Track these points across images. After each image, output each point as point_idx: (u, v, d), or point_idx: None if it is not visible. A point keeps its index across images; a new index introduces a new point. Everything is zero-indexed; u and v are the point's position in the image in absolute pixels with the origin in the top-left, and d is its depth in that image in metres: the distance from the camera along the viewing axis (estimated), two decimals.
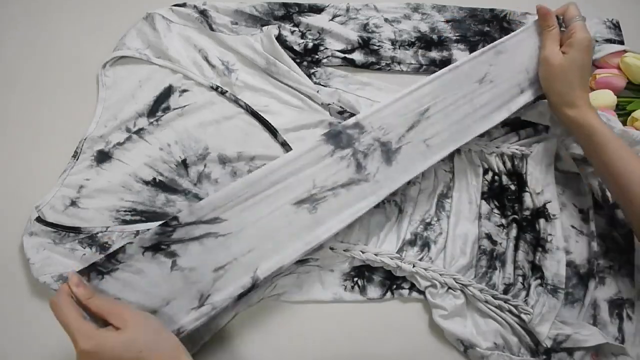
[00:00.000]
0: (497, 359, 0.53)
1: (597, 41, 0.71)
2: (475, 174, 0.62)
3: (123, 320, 0.43)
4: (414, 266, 0.56)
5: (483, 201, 0.61)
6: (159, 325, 0.45)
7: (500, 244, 0.59)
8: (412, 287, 0.58)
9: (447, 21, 0.73)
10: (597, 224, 0.60)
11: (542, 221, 0.59)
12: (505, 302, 0.55)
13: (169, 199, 0.61)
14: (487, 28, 0.72)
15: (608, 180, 0.56)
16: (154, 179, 0.62)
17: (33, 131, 0.66)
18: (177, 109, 0.65)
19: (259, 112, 0.65)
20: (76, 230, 0.58)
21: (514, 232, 0.59)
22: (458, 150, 0.62)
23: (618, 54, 0.69)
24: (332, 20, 0.72)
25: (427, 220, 0.61)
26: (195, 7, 0.70)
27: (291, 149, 0.63)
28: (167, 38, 0.69)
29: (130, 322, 0.42)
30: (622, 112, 0.67)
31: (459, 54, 0.71)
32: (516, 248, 0.59)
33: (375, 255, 0.57)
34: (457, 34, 0.72)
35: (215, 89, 0.66)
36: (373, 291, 0.58)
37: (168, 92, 0.66)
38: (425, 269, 0.56)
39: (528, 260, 0.58)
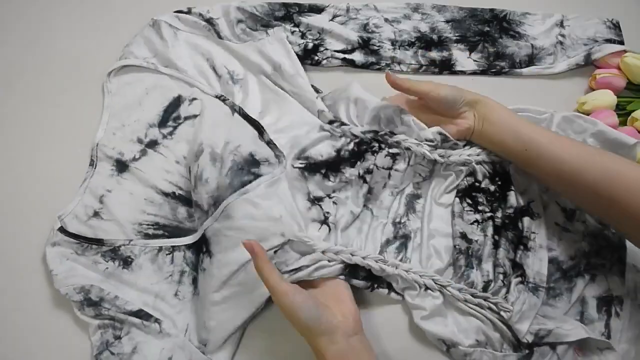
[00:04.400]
0: (479, 355, 0.53)
1: (596, 41, 0.71)
2: (455, 177, 0.62)
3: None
4: (396, 268, 0.56)
5: (456, 199, 0.61)
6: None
7: (476, 241, 0.59)
8: (390, 286, 0.57)
9: (447, 21, 0.73)
10: (589, 222, 0.60)
11: (526, 219, 0.59)
12: (484, 299, 0.55)
13: (190, 212, 0.60)
14: (487, 28, 0.72)
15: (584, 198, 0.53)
16: (174, 192, 0.61)
17: (42, 137, 0.66)
18: (188, 118, 0.65)
19: (253, 117, 0.63)
20: (99, 242, 0.58)
21: (490, 229, 0.59)
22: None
23: (618, 54, 0.69)
24: (332, 20, 0.72)
25: (401, 222, 0.61)
26: (200, 15, 0.70)
27: (277, 147, 0.60)
28: (175, 47, 0.68)
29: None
30: (622, 112, 0.67)
31: (459, 54, 0.71)
32: (497, 246, 0.59)
33: (363, 258, 0.56)
34: (457, 34, 0.72)
35: (219, 97, 0.65)
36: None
37: (177, 101, 0.66)
38: (407, 271, 0.56)
39: (509, 258, 0.58)
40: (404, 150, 0.61)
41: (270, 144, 0.60)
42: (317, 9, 0.72)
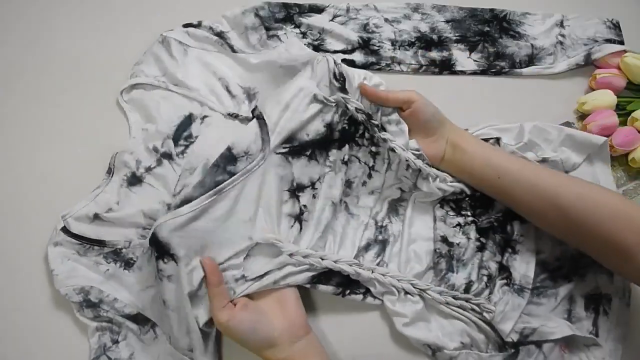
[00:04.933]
0: (465, 357, 0.54)
1: (596, 41, 0.72)
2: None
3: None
4: (372, 272, 0.56)
5: (438, 204, 0.61)
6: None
7: (458, 244, 0.59)
8: (367, 292, 0.57)
9: (447, 21, 0.73)
10: None
11: (516, 223, 0.59)
12: (466, 301, 0.55)
13: None
14: (487, 28, 0.72)
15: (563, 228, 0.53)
16: None
17: (42, 136, 0.66)
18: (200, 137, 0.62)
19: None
20: (101, 243, 0.57)
21: (473, 232, 0.59)
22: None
23: (618, 54, 0.69)
24: (332, 20, 0.72)
25: (382, 225, 0.60)
26: (211, 28, 0.68)
27: (265, 124, 0.57)
28: (185, 65, 0.66)
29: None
30: (622, 112, 0.67)
31: (459, 54, 0.71)
32: (483, 248, 0.59)
33: (335, 262, 0.55)
34: (457, 34, 0.72)
35: (235, 116, 0.64)
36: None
37: (189, 120, 0.63)
38: (383, 275, 0.55)
39: (495, 260, 0.58)
40: (387, 151, 0.59)
41: (259, 118, 0.56)
42: (317, 9, 0.72)
